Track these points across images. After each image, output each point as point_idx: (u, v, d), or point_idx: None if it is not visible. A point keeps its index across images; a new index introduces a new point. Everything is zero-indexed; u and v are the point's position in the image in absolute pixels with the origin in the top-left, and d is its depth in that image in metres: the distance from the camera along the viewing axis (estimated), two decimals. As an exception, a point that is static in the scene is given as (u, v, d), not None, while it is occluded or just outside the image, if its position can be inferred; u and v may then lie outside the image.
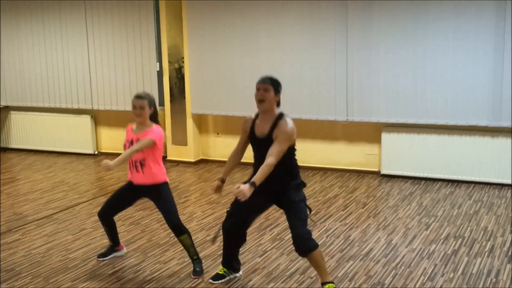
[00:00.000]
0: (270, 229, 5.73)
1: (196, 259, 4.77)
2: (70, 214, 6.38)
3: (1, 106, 9.67)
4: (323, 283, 4.26)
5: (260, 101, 4.17)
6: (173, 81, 8.50)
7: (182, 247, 5.22)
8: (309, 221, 4.27)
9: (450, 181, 7.27)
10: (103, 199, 6.85)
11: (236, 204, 4.31)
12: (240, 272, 4.70)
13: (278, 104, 4.26)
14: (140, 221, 6.02)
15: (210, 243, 5.24)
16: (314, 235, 5.51)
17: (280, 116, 4.21)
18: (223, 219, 5.95)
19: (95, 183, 7.76)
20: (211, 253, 5.15)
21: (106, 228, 4.97)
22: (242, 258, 5.02)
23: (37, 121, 9.54)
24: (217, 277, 4.59)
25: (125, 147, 4.68)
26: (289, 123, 4.17)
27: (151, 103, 4.67)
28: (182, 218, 6.04)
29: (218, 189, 4.53)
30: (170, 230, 5.69)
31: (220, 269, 4.63)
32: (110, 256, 5.09)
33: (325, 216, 6.13)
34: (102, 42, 8.81)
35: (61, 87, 9.22)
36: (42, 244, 5.49)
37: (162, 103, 8.66)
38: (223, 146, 8.50)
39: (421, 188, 7.09)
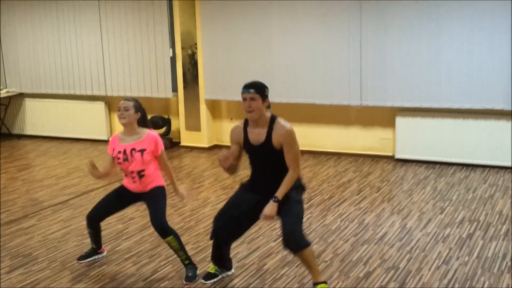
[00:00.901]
0: (284, 213, 5.73)
1: (187, 264, 4.46)
2: (85, 200, 6.43)
3: (16, 93, 9.73)
4: (315, 283, 4.06)
5: (248, 112, 3.96)
6: (186, 67, 8.50)
7: (196, 233, 5.28)
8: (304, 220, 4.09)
9: (465, 165, 7.23)
10: (117, 184, 6.85)
11: (231, 205, 4.20)
12: (232, 270, 4.50)
13: (268, 107, 4.05)
14: (154, 207, 6.05)
15: None
16: (329, 219, 5.54)
17: (273, 119, 4.01)
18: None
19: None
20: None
21: (92, 231, 4.69)
22: (256, 243, 5.04)
23: (51, 108, 9.60)
24: (208, 276, 4.38)
25: (118, 159, 4.40)
26: (285, 124, 3.99)
27: (138, 108, 4.39)
28: (196, 203, 6.12)
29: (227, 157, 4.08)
30: (185, 215, 5.77)
31: (211, 268, 4.42)
32: (91, 258, 4.81)
33: (339, 200, 6.12)
34: (115, 29, 8.82)
35: (75, 74, 9.26)
36: (58, 229, 5.55)
37: (175, 89, 8.68)
38: (236, 132, 8.50)
39: (435, 172, 7.06)
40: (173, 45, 8.52)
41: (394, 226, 5.36)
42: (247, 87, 3.98)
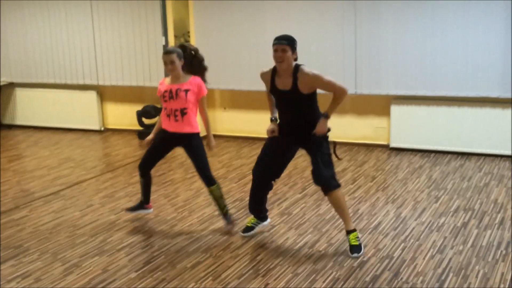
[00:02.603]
0: (278, 203, 5.70)
1: (225, 213, 5.07)
2: (77, 191, 6.37)
3: (6, 83, 9.63)
4: (348, 232, 4.54)
5: (279, 62, 4.35)
6: (178, 55, 8.41)
7: (189, 224, 5.25)
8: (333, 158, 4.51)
9: (460, 154, 7.20)
10: (110, 175, 6.85)
11: (265, 149, 4.63)
12: (269, 220, 5.00)
13: (295, 60, 4.43)
14: (147, 197, 6.00)
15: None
16: (323, 209, 5.51)
17: (296, 68, 4.38)
18: (231, 193, 5.98)
19: (102, 159, 7.74)
20: (220, 228, 5.13)
21: (143, 181, 5.15)
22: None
23: (42, 97, 9.51)
24: (246, 229, 4.89)
25: (164, 97, 4.86)
26: (308, 71, 4.35)
27: (180, 55, 4.81)
28: (189, 193, 6.08)
29: (274, 131, 4.61)
30: (177, 205, 5.73)
31: (248, 221, 4.92)
32: (137, 212, 5.31)
33: (333, 190, 6.08)
34: (106, 17, 8.73)
35: (66, 63, 9.17)
36: (49, 221, 5.48)
37: (168, 78, 8.60)
38: (230, 121, 8.45)
39: (430, 161, 7.03)
40: (165, 33, 8.43)
41: (388, 215, 5.33)
42: (279, 39, 4.39)
